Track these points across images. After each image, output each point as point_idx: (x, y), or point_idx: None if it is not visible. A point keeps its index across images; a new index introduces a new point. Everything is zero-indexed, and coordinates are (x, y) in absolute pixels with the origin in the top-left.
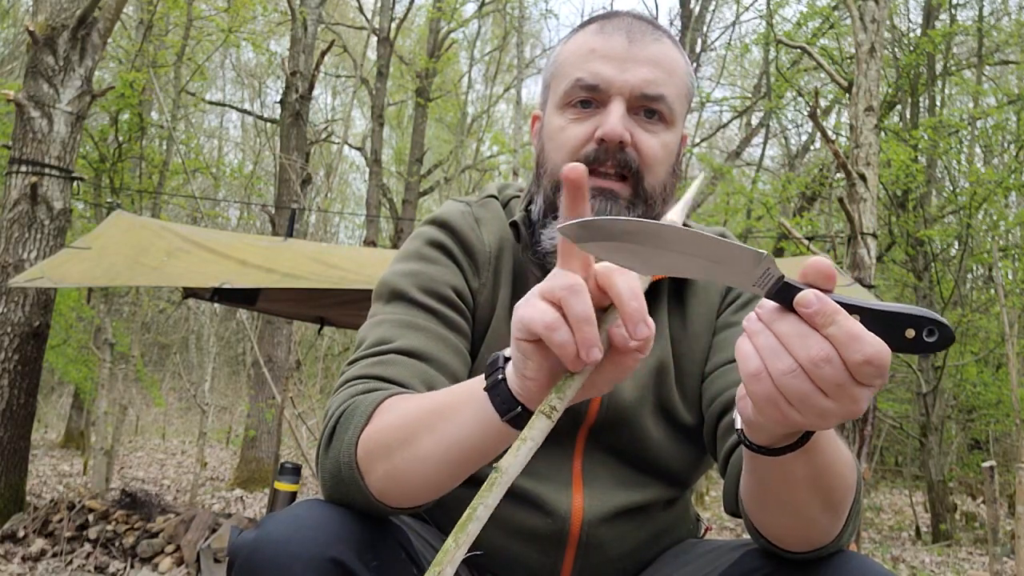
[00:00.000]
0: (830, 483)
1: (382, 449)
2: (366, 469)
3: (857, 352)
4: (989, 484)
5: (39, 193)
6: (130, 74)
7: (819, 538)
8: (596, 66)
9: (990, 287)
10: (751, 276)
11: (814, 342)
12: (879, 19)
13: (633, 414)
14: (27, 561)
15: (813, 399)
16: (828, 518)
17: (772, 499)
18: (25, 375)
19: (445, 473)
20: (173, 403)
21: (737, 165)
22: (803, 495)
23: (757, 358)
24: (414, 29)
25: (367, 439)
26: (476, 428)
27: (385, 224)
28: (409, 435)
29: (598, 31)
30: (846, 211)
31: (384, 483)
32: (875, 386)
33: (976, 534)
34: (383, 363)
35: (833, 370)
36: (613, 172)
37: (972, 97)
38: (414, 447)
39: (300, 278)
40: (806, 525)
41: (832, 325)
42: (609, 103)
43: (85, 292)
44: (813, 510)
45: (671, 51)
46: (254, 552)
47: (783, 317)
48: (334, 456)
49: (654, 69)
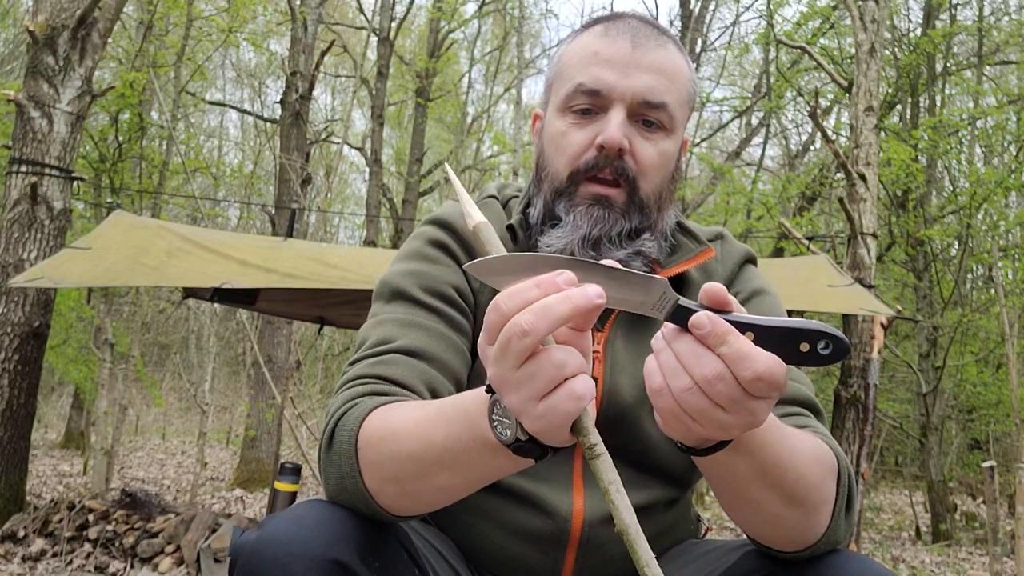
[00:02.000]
0: (782, 478)
1: (391, 477)
2: (375, 489)
3: (748, 370)
4: (989, 484)
5: (39, 193)
6: (130, 74)
7: (799, 536)
8: (598, 71)
9: (990, 287)
10: (649, 301)
11: (707, 361)
12: (879, 19)
13: (633, 414)
14: (27, 561)
15: (711, 413)
16: (796, 515)
17: (729, 497)
18: (25, 375)
19: (462, 494)
20: (173, 403)
21: (737, 165)
22: (756, 492)
23: (660, 375)
24: (414, 29)
25: (370, 462)
26: (495, 467)
27: (385, 224)
28: (422, 471)
29: (602, 34)
30: (846, 211)
31: (394, 501)
32: (771, 398)
33: (976, 534)
34: (384, 363)
35: (726, 387)
36: (611, 178)
37: (972, 97)
38: (430, 480)
39: (300, 278)
40: (773, 522)
41: (723, 345)
42: (610, 109)
43: (85, 292)
44: (774, 506)
45: (675, 57)
46: (256, 552)
47: (681, 337)
48: (336, 463)
49: (657, 76)
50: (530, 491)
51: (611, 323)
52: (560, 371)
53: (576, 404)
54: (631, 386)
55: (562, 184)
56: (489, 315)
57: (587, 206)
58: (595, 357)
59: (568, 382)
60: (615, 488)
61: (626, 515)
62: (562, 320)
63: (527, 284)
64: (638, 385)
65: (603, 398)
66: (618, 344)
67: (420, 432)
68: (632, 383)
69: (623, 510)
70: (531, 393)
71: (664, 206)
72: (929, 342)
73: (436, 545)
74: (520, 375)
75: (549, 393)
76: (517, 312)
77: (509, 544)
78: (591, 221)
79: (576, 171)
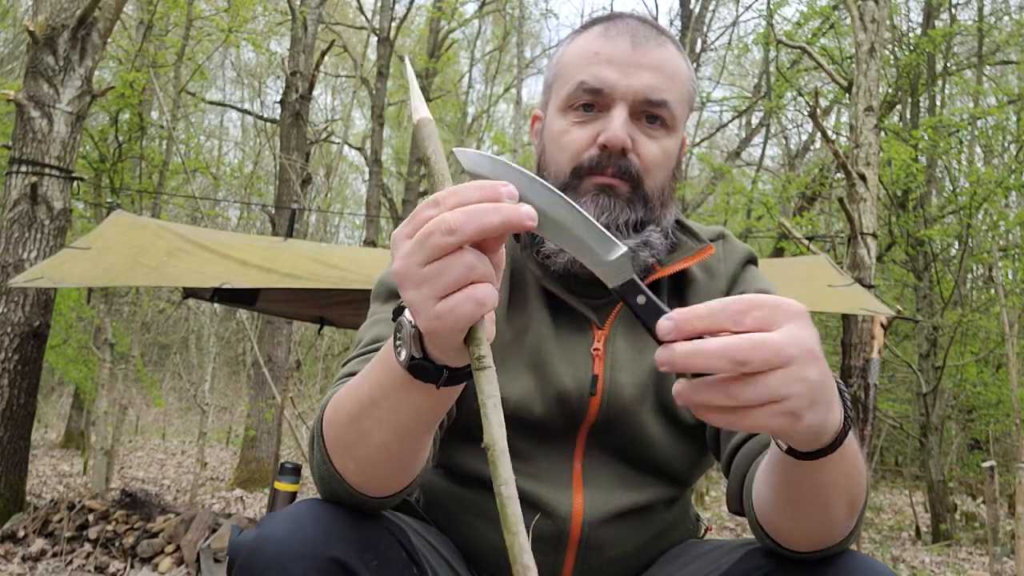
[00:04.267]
0: (856, 480)
1: (343, 448)
2: (341, 467)
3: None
4: (989, 484)
5: (39, 193)
6: (130, 74)
7: (834, 538)
8: (600, 70)
9: (990, 287)
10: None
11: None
12: (879, 19)
13: (634, 413)
14: (27, 561)
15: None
16: (847, 517)
17: (803, 503)
18: (25, 375)
19: (406, 450)
20: (173, 403)
21: (737, 165)
22: (833, 496)
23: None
24: (414, 29)
25: (330, 439)
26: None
27: (385, 224)
28: (361, 431)
29: (602, 34)
30: (846, 211)
31: (357, 476)
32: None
33: (976, 534)
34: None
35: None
36: (614, 177)
37: (972, 97)
38: (368, 441)
39: (300, 278)
40: (828, 526)
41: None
42: (612, 108)
43: (85, 292)
44: (839, 511)
45: (675, 56)
46: (254, 551)
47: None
48: (317, 455)
49: (658, 75)
50: (529, 491)
51: (611, 320)
52: (468, 273)
53: (476, 309)
54: (632, 384)
55: (566, 179)
56: (422, 208)
57: (593, 195)
58: (596, 355)
59: (473, 286)
60: (492, 403)
61: (496, 432)
62: (490, 230)
63: (469, 185)
64: (639, 383)
65: (603, 396)
66: (619, 342)
67: (353, 392)
68: (633, 381)
69: (495, 426)
70: (434, 291)
71: (666, 203)
72: (929, 342)
73: (435, 545)
74: (428, 271)
75: (451, 294)
76: (450, 210)
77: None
78: (597, 210)
79: (579, 167)
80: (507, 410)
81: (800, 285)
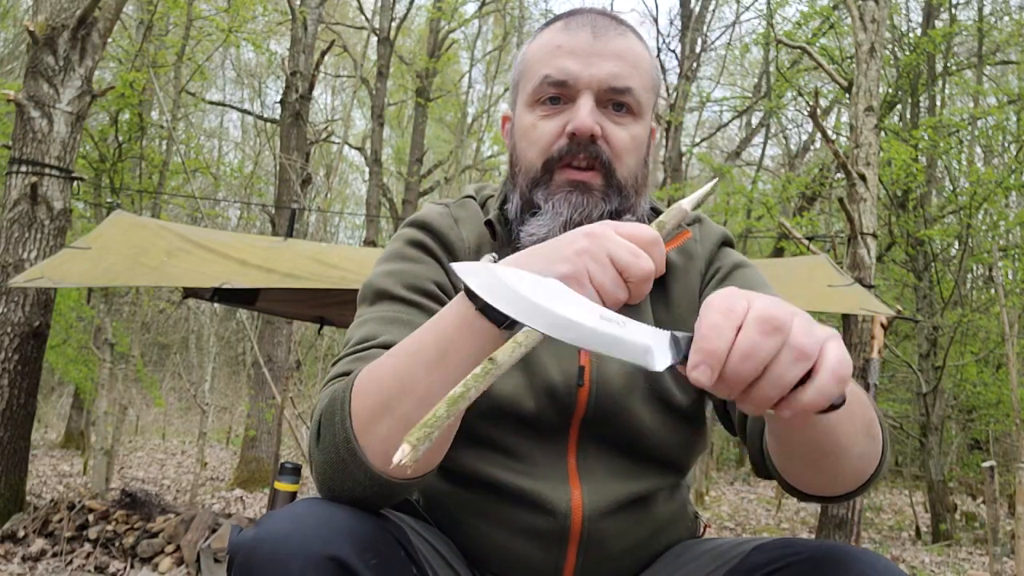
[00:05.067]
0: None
1: (379, 407)
2: (365, 441)
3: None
4: (989, 484)
5: (39, 193)
6: (130, 74)
7: (867, 468)
8: (562, 62)
9: (990, 287)
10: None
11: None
12: (879, 19)
13: (624, 402)
14: (27, 561)
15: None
16: (871, 443)
17: (828, 451)
18: (25, 375)
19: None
20: (173, 403)
21: (737, 165)
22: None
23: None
24: (414, 29)
25: (359, 409)
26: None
27: (385, 224)
28: (406, 382)
29: (563, 28)
30: (846, 211)
31: (386, 444)
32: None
33: (976, 534)
34: (365, 358)
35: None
36: (585, 164)
37: (972, 97)
38: (414, 391)
39: (300, 278)
40: (857, 463)
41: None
42: (578, 98)
43: (85, 292)
44: (860, 444)
45: (635, 45)
46: (253, 550)
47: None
48: (329, 441)
49: (620, 62)
50: (529, 489)
51: None
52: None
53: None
54: (619, 373)
55: (537, 173)
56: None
57: (565, 192)
58: None
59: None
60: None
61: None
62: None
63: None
64: (627, 372)
65: (592, 387)
66: None
67: (407, 347)
68: (620, 370)
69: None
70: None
71: (640, 191)
72: (929, 342)
73: (435, 545)
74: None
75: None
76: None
77: (511, 543)
78: (571, 207)
79: (550, 159)
80: (500, 406)
81: (800, 285)
